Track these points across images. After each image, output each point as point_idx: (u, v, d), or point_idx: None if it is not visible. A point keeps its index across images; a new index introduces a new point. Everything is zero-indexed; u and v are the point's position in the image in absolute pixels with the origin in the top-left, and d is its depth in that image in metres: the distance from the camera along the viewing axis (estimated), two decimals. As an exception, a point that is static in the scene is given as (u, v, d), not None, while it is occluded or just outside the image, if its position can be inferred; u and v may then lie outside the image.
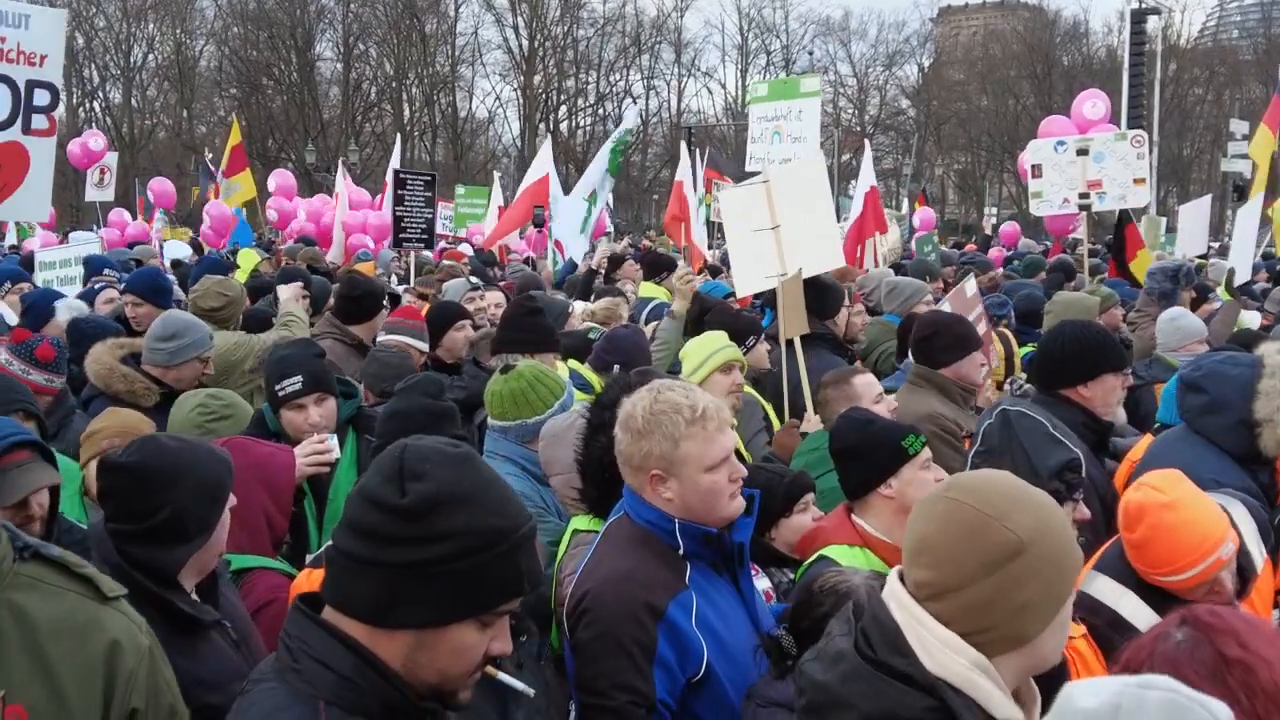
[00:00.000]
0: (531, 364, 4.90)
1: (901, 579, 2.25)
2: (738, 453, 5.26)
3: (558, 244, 15.23)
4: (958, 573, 2.14)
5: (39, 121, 7.20)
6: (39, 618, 2.43)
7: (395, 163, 16.86)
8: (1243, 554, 3.49)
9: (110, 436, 4.15)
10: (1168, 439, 4.79)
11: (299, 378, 4.81)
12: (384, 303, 7.42)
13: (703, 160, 19.13)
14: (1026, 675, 2.22)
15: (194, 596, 3.14)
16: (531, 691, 2.33)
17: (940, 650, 2.13)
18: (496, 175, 27.85)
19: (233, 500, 3.23)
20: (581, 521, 3.80)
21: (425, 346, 6.92)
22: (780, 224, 6.73)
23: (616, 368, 5.85)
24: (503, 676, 2.22)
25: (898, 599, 2.22)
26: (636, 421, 3.07)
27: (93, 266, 10.84)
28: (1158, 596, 3.38)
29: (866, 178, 14.40)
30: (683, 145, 17.60)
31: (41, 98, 7.20)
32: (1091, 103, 16.02)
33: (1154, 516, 3.35)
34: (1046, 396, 4.83)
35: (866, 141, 21.67)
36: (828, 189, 7.13)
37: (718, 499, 3.08)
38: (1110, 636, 3.24)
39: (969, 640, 2.13)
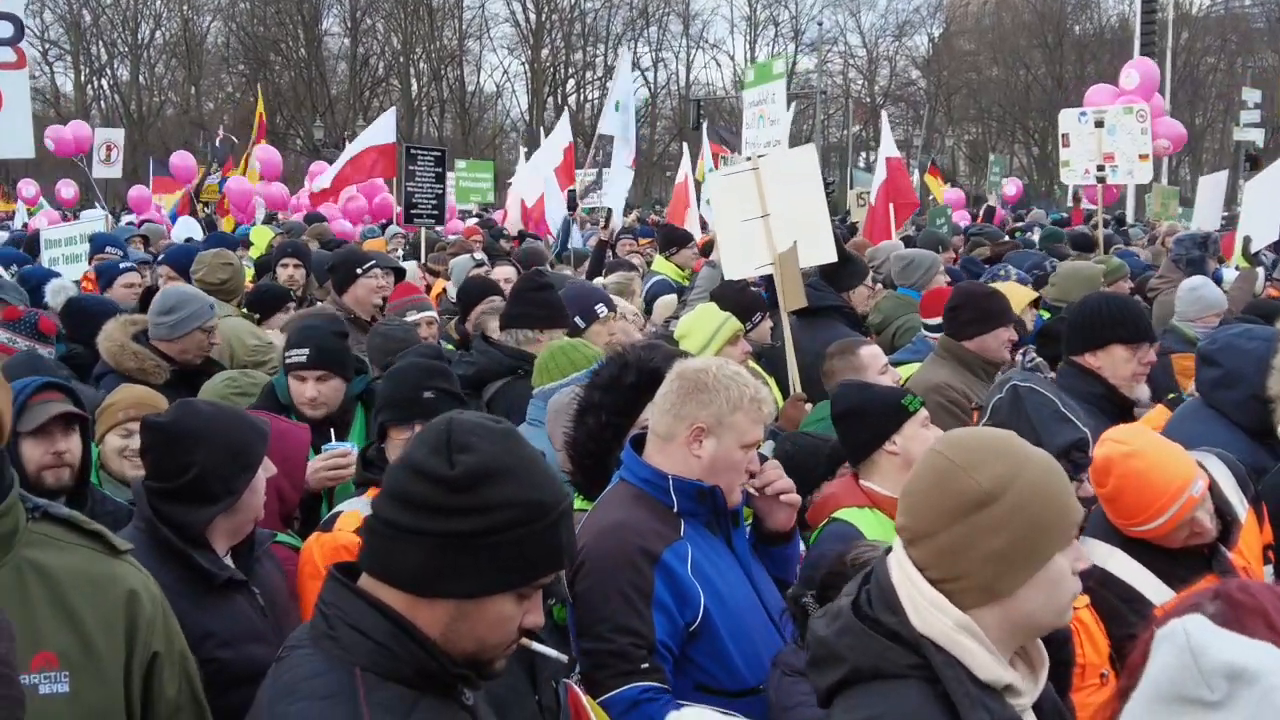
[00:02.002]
0: (563, 339, 5.00)
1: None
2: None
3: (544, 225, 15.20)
4: (926, 519, 2.21)
5: (5, 54, 7.01)
6: (58, 570, 2.52)
7: (390, 136, 16.74)
8: (1224, 503, 3.54)
9: (125, 408, 4.21)
10: (1183, 411, 4.81)
11: (307, 350, 4.87)
12: (358, 271, 7.53)
13: (707, 135, 19.08)
14: (1017, 634, 2.24)
15: (228, 560, 3.25)
16: (565, 658, 2.38)
17: (927, 609, 2.18)
18: (522, 152, 27.45)
19: (271, 468, 3.36)
20: (575, 502, 3.85)
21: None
22: (770, 213, 6.70)
23: (578, 320, 5.89)
24: (537, 646, 2.29)
25: (898, 560, 2.28)
26: (706, 376, 3.20)
27: (96, 244, 10.68)
28: (1144, 553, 3.43)
29: (887, 147, 14.30)
30: (684, 147, 17.48)
31: (4, 30, 7.03)
32: (1128, 73, 15.89)
33: (1120, 466, 3.42)
34: (1066, 366, 4.92)
35: (884, 113, 21.56)
36: (820, 181, 7.09)
37: (737, 477, 3.24)
38: (1104, 595, 3.29)
39: (943, 587, 2.18)
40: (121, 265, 8.27)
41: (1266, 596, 1.93)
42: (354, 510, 3.80)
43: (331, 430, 4.82)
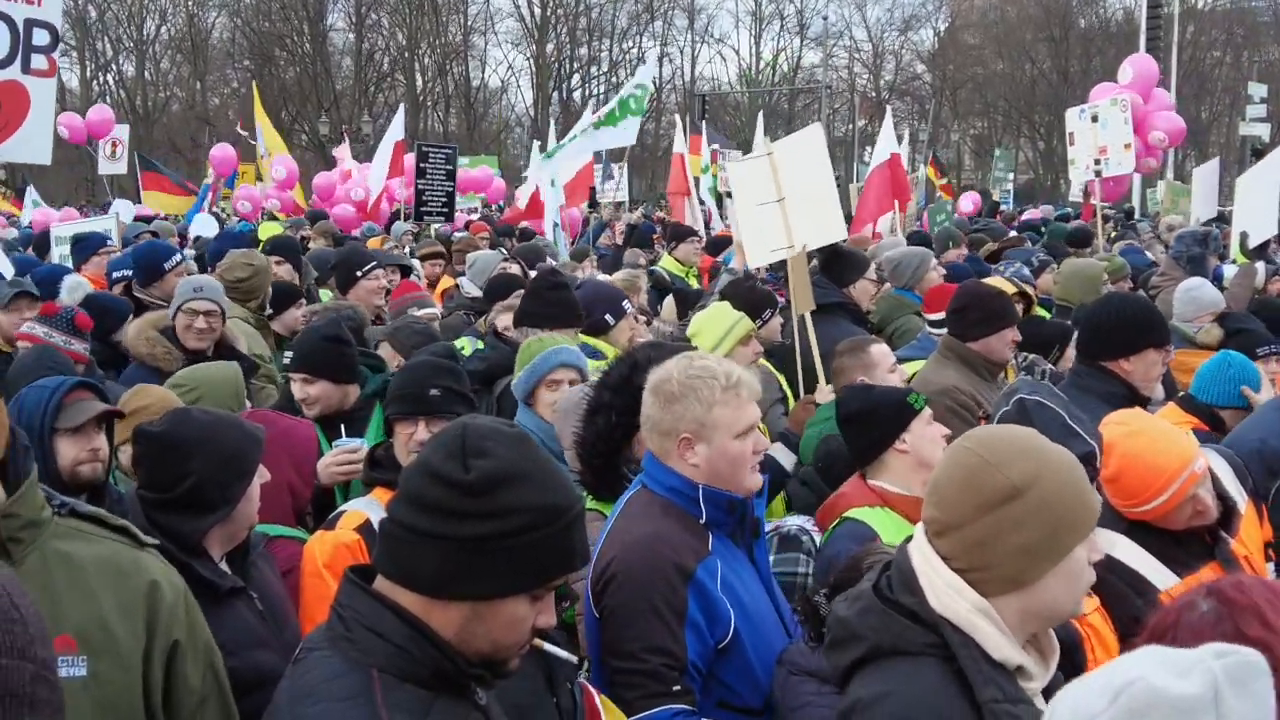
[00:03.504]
0: (546, 336, 5.00)
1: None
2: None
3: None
4: (956, 511, 2.31)
5: (38, 61, 7.05)
6: (84, 559, 2.60)
7: (399, 133, 16.80)
8: (1224, 492, 3.62)
9: (158, 411, 4.22)
10: (1266, 404, 4.91)
11: (291, 353, 5.05)
12: (358, 274, 7.63)
13: (689, 129, 19.03)
14: (1035, 623, 2.34)
15: (223, 565, 3.25)
16: (575, 658, 2.42)
17: (945, 592, 2.29)
18: (535, 145, 27.33)
19: (265, 475, 3.34)
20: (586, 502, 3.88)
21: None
22: (785, 196, 6.75)
23: (608, 317, 5.93)
24: (548, 647, 2.34)
25: (919, 546, 2.39)
26: (671, 385, 3.13)
27: (90, 244, 10.07)
28: (1148, 537, 3.47)
29: (887, 144, 14.21)
30: (677, 119, 17.44)
31: (40, 37, 7.05)
32: (1124, 68, 15.94)
33: (1122, 446, 3.48)
34: (1088, 368, 4.93)
35: (889, 108, 21.41)
36: (828, 161, 7.15)
37: (742, 467, 3.15)
38: (1109, 580, 3.33)
39: (969, 577, 2.29)
40: (115, 275, 8.21)
41: (1261, 595, 1.98)
42: (356, 510, 3.85)
43: (342, 426, 4.87)
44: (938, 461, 2.49)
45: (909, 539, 2.45)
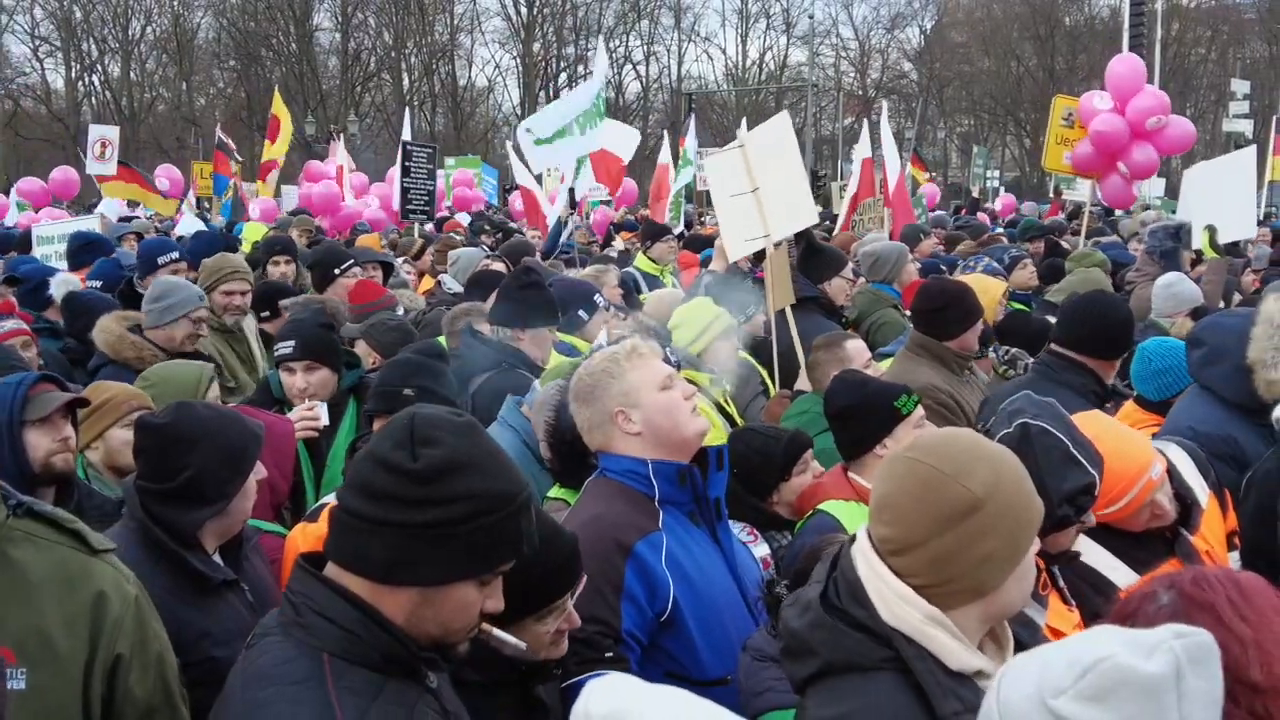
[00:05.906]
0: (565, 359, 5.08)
1: (870, 536, 2.31)
2: (729, 417, 5.41)
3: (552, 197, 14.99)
4: (916, 529, 2.20)
5: None
6: (31, 568, 2.59)
7: (406, 134, 16.88)
8: (1184, 489, 3.62)
9: (128, 399, 4.25)
10: (1185, 395, 4.92)
11: (293, 343, 5.05)
12: (335, 272, 7.73)
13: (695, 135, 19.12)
14: (991, 621, 2.30)
15: (217, 558, 3.30)
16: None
17: (896, 603, 2.20)
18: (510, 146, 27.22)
19: (261, 471, 3.41)
20: (554, 490, 4.01)
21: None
22: (759, 186, 6.80)
23: (581, 313, 5.98)
24: (497, 632, 2.35)
25: (863, 554, 2.29)
26: (584, 383, 3.32)
27: (98, 249, 9.60)
28: (1108, 537, 3.50)
29: (868, 145, 14.20)
30: (665, 135, 17.49)
31: None
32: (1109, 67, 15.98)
33: None
34: (1062, 361, 4.99)
35: (883, 103, 21.45)
36: (797, 148, 7.21)
37: (679, 412, 3.27)
38: (1069, 579, 3.36)
39: (931, 592, 2.20)
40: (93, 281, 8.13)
41: (1220, 593, 1.96)
42: (339, 503, 3.90)
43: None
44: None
45: (853, 539, 2.37)
